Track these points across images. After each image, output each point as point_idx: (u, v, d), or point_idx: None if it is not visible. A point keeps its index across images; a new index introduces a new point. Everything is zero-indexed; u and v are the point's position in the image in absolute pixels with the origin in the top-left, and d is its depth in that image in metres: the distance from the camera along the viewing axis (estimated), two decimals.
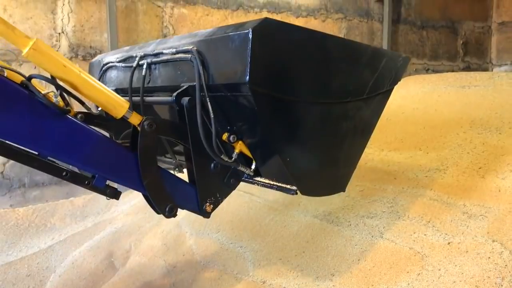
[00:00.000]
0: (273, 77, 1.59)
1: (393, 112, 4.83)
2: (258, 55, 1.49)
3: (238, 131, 1.78)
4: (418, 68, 7.44)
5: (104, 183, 1.76)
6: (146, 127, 1.70)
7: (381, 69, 1.94)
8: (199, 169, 1.85)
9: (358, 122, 1.97)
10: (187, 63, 1.75)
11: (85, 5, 4.65)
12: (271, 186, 1.98)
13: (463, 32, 7.93)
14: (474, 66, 8.10)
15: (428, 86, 5.99)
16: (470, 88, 5.28)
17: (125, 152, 1.77)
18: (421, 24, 7.44)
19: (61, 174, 1.69)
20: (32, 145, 1.57)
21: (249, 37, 1.46)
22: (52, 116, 1.57)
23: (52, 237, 4.05)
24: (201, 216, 1.96)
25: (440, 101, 4.90)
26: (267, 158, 1.82)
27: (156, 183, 1.77)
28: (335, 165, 2.00)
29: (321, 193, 2.12)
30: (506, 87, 5.06)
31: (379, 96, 2.02)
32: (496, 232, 2.34)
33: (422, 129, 4.11)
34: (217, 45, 1.63)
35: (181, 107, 1.75)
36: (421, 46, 7.49)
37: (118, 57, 2.26)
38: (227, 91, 1.63)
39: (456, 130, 3.84)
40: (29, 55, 1.48)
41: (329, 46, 1.74)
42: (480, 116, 4.02)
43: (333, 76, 1.79)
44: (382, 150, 3.94)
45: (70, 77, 1.58)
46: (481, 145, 3.42)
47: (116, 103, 1.67)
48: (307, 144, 1.83)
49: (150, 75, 2.00)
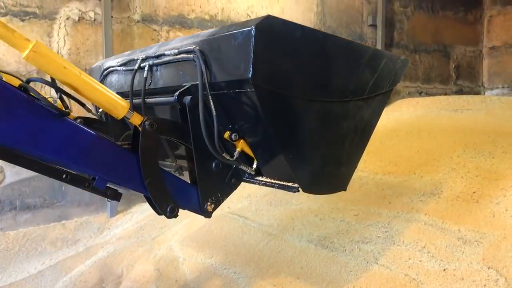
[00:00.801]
0: (275, 74, 1.61)
1: (387, 136, 4.85)
2: (261, 51, 1.51)
3: (239, 129, 1.79)
4: (411, 91, 7.52)
5: (104, 185, 1.73)
6: (147, 127, 1.70)
7: (381, 70, 1.97)
8: (201, 169, 1.85)
9: (358, 122, 1.99)
10: (189, 63, 1.76)
11: (81, 28, 4.68)
12: (272, 185, 1.97)
13: (455, 56, 8.05)
14: (467, 89, 8.20)
15: (422, 109, 6.05)
16: (462, 112, 5.33)
17: (125, 153, 1.76)
18: (413, 48, 7.55)
19: (61, 177, 1.67)
20: (32, 148, 1.55)
21: (252, 33, 1.48)
22: (52, 118, 1.57)
23: (42, 261, 3.97)
24: (202, 216, 1.94)
25: (433, 125, 4.94)
26: (269, 155, 1.82)
27: (157, 183, 1.76)
28: (336, 163, 2.00)
29: (322, 191, 2.11)
30: (498, 111, 5.12)
31: (379, 96, 2.03)
32: (492, 259, 2.33)
33: (416, 153, 4.12)
34: (219, 43, 1.65)
35: (183, 106, 1.76)
36: (414, 70, 7.59)
37: (119, 61, 2.26)
38: (230, 88, 1.65)
39: (450, 154, 3.86)
40: (29, 57, 1.48)
41: (330, 45, 1.77)
42: (473, 140, 4.05)
43: (334, 75, 1.82)
44: (377, 173, 3.94)
45: (71, 79, 1.59)
46: (474, 169, 3.43)
47: (117, 103, 1.68)
48: (308, 141, 1.84)
49: (151, 77, 2.01)
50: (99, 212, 4.73)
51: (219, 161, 1.83)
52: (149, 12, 5.07)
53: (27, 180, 4.37)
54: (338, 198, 3.66)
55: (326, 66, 1.78)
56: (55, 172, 1.67)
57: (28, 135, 1.52)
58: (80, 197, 4.65)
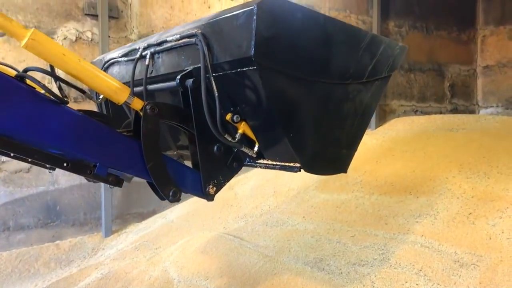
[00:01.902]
0: (277, 53, 1.64)
1: (383, 155, 4.87)
2: (263, 30, 1.54)
3: (241, 111, 1.81)
4: (407, 109, 7.56)
5: (106, 171, 1.74)
6: (148, 111, 1.72)
7: (380, 55, 2.02)
8: (203, 152, 1.86)
9: (358, 105, 2.02)
10: (191, 48, 1.79)
11: (78, 48, 4.71)
12: (274, 166, 1.97)
13: (450, 75, 8.12)
14: (461, 108, 8.25)
15: (417, 128, 6.08)
16: (458, 131, 5.36)
17: (126, 140, 1.78)
18: (408, 67, 7.61)
19: (62, 165, 1.67)
20: (32, 136, 1.56)
21: (254, 12, 1.52)
22: (51, 106, 1.58)
23: (35, 283, 3.91)
24: (205, 199, 1.95)
25: (429, 144, 4.95)
26: (271, 135, 1.84)
27: (159, 167, 1.78)
28: (336, 144, 2.03)
29: (323, 171, 2.12)
30: (493, 130, 5.14)
31: (377, 81, 2.07)
32: (489, 283, 2.32)
33: (412, 172, 4.13)
34: (222, 25, 1.68)
35: (185, 88, 1.78)
36: (409, 88, 7.64)
37: (120, 52, 2.29)
38: (232, 68, 1.67)
39: (446, 174, 3.87)
40: (28, 45, 1.49)
41: (331, 28, 1.81)
42: (468, 160, 4.06)
43: (334, 57, 1.86)
44: (373, 193, 3.94)
45: (70, 65, 1.60)
46: (470, 190, 3.43)
47: (118, 88, 1.70)
48: (309, 121, 1.86)
49: (153, 65, 2.03)
50: (93, 232, 4.69)
51: (221, 144, 1.86)
52: (147, 32, 5.11)
53: (21, 200, 4.33)
54: (334, 219, 3.65)
55: (327, 47, 1.82)
56: (55, 160, 1.66)
57: (28, 124, 1.53)
58: (74, 217, 4.61)
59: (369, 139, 5.52)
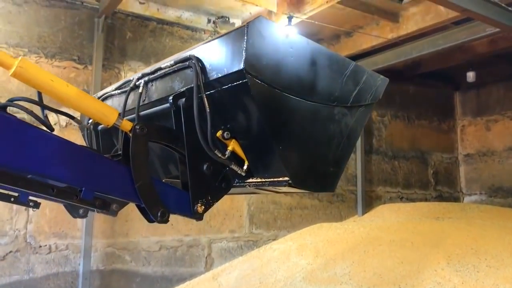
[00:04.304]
0: (266, 68, 1.76)
1: (371, 244, 4.80)
2: (253, 46, 1.68)
3: (232, 129, 1.88)
4: (393, 196, 7.61)
5: (92, 195, 1.71)
6: (138, 131, 1.74)
7: (363, 83, 2.16)
8: (192, 170, 1.88)
9: (343, 127, 2.12)
10: (184, 72, 1.90)
11: (67, 133, 4.77)
12: (262, 184, 1.97)
13: (433, 162, 8.32)
14: (446, 194, 8.34)
15: (403, 216, 6.07)
16: (444, 220, 5.36)
17: (113, 163, 1.79)
18: (392, 155, 7.80)
19: (48, 191, 1.65)
20: (16, 163, 1.54)
21: (245, 31, 1.67)
22: (37, 134, 1.58)
23: None
24: (193, 219, 1.92)
25: (415, 233, 4.92)
26: (260, 149, 1.89)
27: (148, 186, 1.78)
28: (324, 161, 2.08)
29: (311, 187, 2.15)
30: (478, 220, 5.16)
31: (361, 108, 2.19)
32: None
33: (400, 263, 4.05)
34: (215, 46, 1.84)
35: (178, 108, 1.84)
36: (394, 175, 7.76)
37: (114, 87, 2.37)
38: (224, 84, 1.77)
39: (434, 266, 3.80)
40: (17, 73, 1.52)
41: (316, 51, 1.97)
42: (456, 252, 4.02)
43: (319, 79, 1.99)
44: (361, 286, 3.82)
45: (59, 90, 1.63)
46: (460, 285, 3.36)
47: (107, 111, 1.73)
48: (298, 135, 1.94)
49: (146, 93, 2.11)
50: None
51: (210, 163, 1.88)
52: None
53: None
54: None
55: (312, 69, 1.96)
56: (41, 187, 1.64)
57: (12, 152, 1.53)
58: None
59: (357, 227, 5.47)
